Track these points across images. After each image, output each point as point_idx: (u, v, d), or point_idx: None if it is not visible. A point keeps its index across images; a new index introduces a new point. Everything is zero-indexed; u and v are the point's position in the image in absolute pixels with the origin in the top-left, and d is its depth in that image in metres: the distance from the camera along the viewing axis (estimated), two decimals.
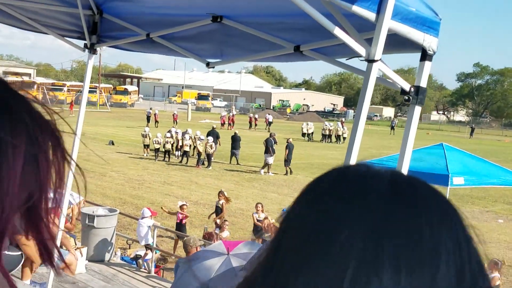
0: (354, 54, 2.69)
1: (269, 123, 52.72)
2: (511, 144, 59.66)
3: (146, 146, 28.25)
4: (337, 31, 2.42)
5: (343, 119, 59.50)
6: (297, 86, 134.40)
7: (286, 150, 25.29)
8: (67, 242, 8.43)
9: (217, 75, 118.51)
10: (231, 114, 54.12)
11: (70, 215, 9.51)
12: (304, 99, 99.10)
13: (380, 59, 2.42)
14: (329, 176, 0.67)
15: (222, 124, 49.01)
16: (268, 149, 25.20)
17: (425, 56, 2.57)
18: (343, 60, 3.17)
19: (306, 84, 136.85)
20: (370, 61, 2.41)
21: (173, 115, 47.52)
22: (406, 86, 2.57)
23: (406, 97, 2.57)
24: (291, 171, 25.16)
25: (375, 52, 2.38)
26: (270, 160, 25.20)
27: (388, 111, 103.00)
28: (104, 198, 17.28)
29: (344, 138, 43.35)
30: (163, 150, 27.75)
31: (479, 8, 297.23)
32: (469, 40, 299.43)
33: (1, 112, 0.68)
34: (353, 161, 2.52)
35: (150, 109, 48.47)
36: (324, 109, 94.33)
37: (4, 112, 0.69)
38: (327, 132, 45.23)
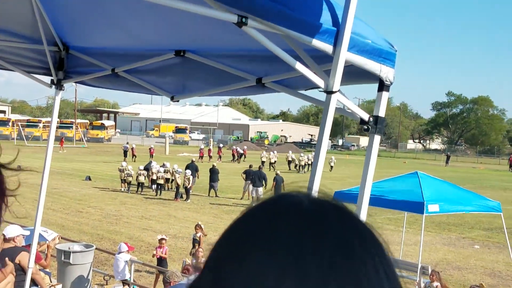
0: (313, 85, 2.73)
1: (240, 155, 52.78)
2: (486, 171, 60.48)
3: (123, 181, 28.09)
4: (296, 64, 2.46)
5: None
6: (275, 117, 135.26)
7: (273, 182, 25.13)
8: (41, 279, 8.27)
9: (195, 108, 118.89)
10: (210, 146, 54.33)
11: (45, 251, 9.36)
12: (281, 130, 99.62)
13: (339, 90, 2.47)
14: (247, 218, 0.66)
15: (201, 157, 48.86)
16: (262, 182, 24.96)
17: (383, 86, 2.63)
18: (303, 91, 3.21)
19: (284, 116, 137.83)
20: (329, 92, 2.45)
21: (149, 149, 47.27)
22: (365, 116, 2.61)
23: (366, 127, 2.61)
24: None
25: (333, 83, 2.42)
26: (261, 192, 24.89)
27: (365, 141, 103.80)
28: (81, 234, 17.04)
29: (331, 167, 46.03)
30: (136, 183, 27.71)
31: (452, 37, 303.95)
32: (442, 69, 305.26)
33: None
34: (315, 190, 2.53)
35: (127, 143, 48.21)
36: (302, 140, 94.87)
37: None
38: (302, 163, 45.75)
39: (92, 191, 27.27)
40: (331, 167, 46.50)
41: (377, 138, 2.67)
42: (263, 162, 44.58)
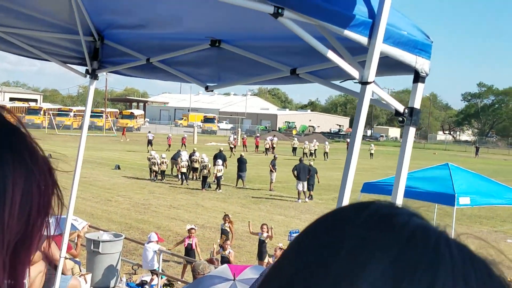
0: (348, 76, 2.73)
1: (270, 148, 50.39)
2: None
3: (152, 171, 28.44)
4: (331, 55, 2.46)
5: (349, 140, 60.15)
6: (303, 107, 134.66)
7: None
8: (65, 269, 8.33)
9: (223, 97, 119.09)
10: (245, 136, 54.97)
11: (75, 240, 9.45)
12: (310, 120, 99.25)
13: (374, 81, 2.46)
14: (349, 210, 0.58)
15: (233, 147, 48.29)
16: (304, 176, 24.17)
17: (418, 78, 2.61)
18: (337, 82, 3.21)
19: (312, 106, 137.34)
20: (364, 83, 2.44)
21: (182, 138, 47.86)
22: (400, 108, 2.60)
23: (401, 119, 2.60)
24: (311, 197, 24.43)
25: (368, 74, 2.41)
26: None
27: (394, 132, 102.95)
28: (110, 223, 17.26)
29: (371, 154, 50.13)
30: (159, 170, 28.13)
31: (484, 27, 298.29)
32: (473, 60, 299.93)
33: (5, 151, 0.70)
34: (349, 181, 2.54)
35: (149, 132, 48.64)
36: (330, 130, 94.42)
37: (7, 151, 0.71)
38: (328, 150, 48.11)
39: (121, 180, 27.60)
40: (371, 154, 49.86)
41: (412, 130, 2.66)
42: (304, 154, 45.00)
